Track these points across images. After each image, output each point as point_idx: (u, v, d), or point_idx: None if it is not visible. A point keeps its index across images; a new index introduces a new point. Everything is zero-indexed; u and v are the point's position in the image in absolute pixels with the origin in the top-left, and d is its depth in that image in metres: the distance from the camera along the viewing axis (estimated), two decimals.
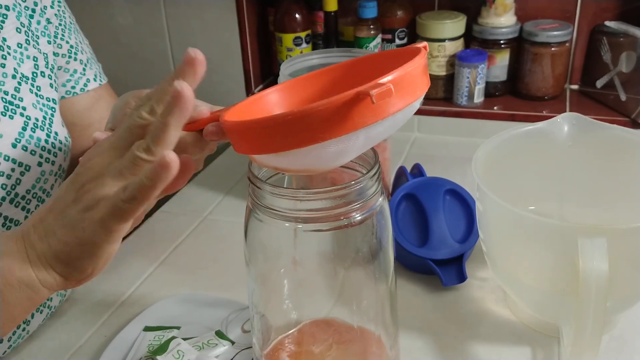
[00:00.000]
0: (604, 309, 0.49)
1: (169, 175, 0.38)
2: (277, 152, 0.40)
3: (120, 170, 0.41)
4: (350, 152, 0.41)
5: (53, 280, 0.44)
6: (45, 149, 0.61)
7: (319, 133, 0.38)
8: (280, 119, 0.38)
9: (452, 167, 0.91)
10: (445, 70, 1.08)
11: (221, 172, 0.99)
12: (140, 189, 0.39)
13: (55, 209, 0.44)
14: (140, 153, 0.40)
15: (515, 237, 0.59)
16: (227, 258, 0.77)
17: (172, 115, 0.39)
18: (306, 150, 0.39)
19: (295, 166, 0.42)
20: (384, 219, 0.49)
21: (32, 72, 0.62)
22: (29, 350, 0.63)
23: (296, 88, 0.49)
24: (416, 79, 0.40)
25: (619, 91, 1.00)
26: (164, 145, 0.40)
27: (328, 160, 0.41)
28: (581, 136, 0.64)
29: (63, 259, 0.43)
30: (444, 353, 0.60)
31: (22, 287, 0.44)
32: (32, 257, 0.44)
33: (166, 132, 0.39)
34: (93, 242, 0.42)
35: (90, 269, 0.44)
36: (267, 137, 0.39)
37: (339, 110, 0.37)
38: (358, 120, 0.37)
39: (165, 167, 0.38)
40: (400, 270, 0.71)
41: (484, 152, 0.62)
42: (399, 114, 0.39)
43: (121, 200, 0.40)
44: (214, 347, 0.59)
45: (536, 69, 1.05)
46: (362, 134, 0.39)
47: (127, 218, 0.41)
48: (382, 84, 0.36)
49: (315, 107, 0.37)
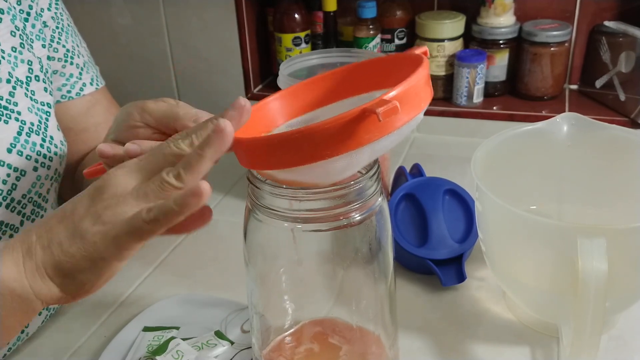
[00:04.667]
0: (603, 308, 0.49)
1: (198, 205, 0.39)
2: (283, 169, 0.40)
3: (146, 192, 0.41)
4: (356, 166, 0.42)
5: (48, 292, 0.43)
6: (40, 153, 0.61)
7: (325, 150, 0.38)
8: (286, 138, 0.39)
9: (452, 167, 0.91)
10: (444, 70, 1.08)
11: (220, 172, 0.99)
12: (166, 213, 0.39)
13: (66, 220, 0.43)
14: (170, 179, 0.40)
15: (514, 237, 0.59)
16: (226, 258, 0.77)
17: (210, 147, 0.40)
18: (312, 166, 0.39)
19: (300, 180, 0.42)
20: (383, 219, 0.49)
21: (26, 77, 0.62)
22: (29, 351, 0.63)
23: (298, 94, 0.50)
24: (420, 92, 0.40)
25: (618, 91, 1.00)
26: (194, 175, 0.40)
27: (334, 174, 0.41)
28: (580, 136, 0.64)
29: (64, 271, 0.42)
30: (443, 353, 0.60)
31: (14, 297, 0.43)
32: (27, 266, 0.43)
33: (200, 163, 0.40)
34: (102, 257, 0.42)
35: (90, 284, 0.44)
36: (273, 154, 0.40)
37: (346, 127, 0.37)
38: (364, 136, 0.38)
39: (198, 196, 0.38)
40: (400, 270, 0.71)
41: (483, 152, 0.62)
42: (404, 127, 0.39)
43: (143, 220, 0.40)
44: (213, 347, 0.59)
45: (535, 69, 1.05)
46: (368, 149, 0.39)
47: (144, 238, 0.41)
48: (388, 101, 0.37)
49: (322, 126, 0.37)
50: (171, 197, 0.39)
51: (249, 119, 0.46)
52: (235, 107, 0.42)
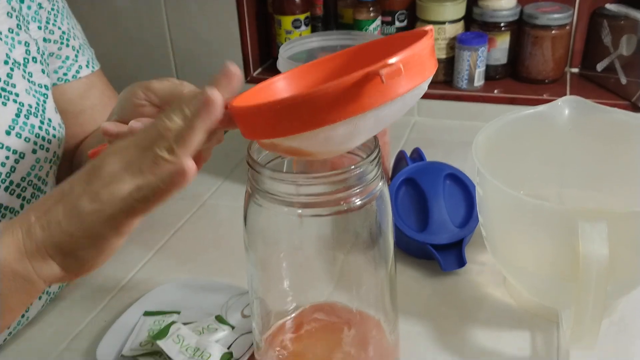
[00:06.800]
0: (604, 293, 0.49)
1: (185, 183, 0.39)
2: (285, 136, 0.39)
3: (140, 168, 0.41)
4: (359, 135, 0.41)
5: (50, 271, 0.44)
6: (39, 135, 0.61)
7: (327, 115, 0.37)
8: (288, 102, 0.38)
9: (452, 151, 0.91)
10: (445, 53, 1.07)
11: (220, 156, 0.99)
12: (154, 191, 0.40)
13: (64, 200, 0.43)
14: (162, 152, 0.40)
15: (515, 222, 0.59)
16: (227, 243, 0.77)
17: (200, 119, 0.40)
18: (314, 134, 0.38)
19: (304, 149, 0.41)
20: (383, 204, 0.48)
21: (23, 58, 0.61)
22: (29, 336, 0.63)
23: (302, 75, 0.49)
24: (424, 60, 0.39)
25: (620, 74, 1.00)
26: (186, 148, 0.40)
27: (336, 143, 0.40)
28: (582, 120, 0.64)
29: (65, 250, 0.43)
30: (443, 338, 0.60)
31: (16, 278, 0.43)
32: (28, 247, 0.43)
33: (191, 135, 0.40)
34: (101, 234, 0.42)
35: (92, 262, 0.44)
36: (275, 121, 0.39)
37: (348, 91, 0.36)
38: (367, 101, 0.37)
39: (183, 175, 0.39)
40: (400, 255, 0.71)
41: (484, 136, 0.61)
42: (407, 95, 0.38)
43: (134, 199, 0.40)
44: (214, 331, 0.59)
45: (536, 52, 1.04)
46: (371, 115, 0.38)
47: (138, 216, 0.41)
48: (392, 64, 0.36)
49: (324, 89, 0.36)
50: (159, 176, 0.40)
51: (254, 97, 0.45)
52: (224, 74, 0.41)
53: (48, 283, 0.45)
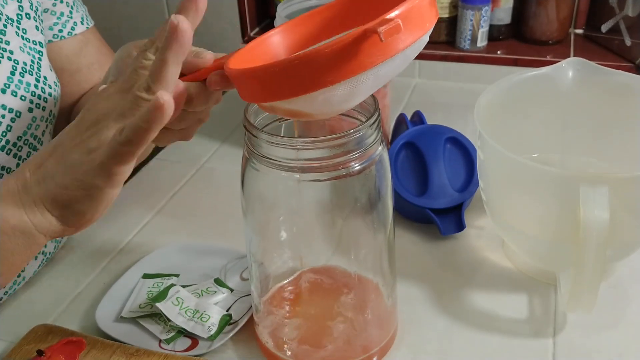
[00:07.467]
0: (603, 257, 0.49)
1: (164, 117, 0.38)
2: (284, 99, 0.38)
3: (122, 111, 0.40)
4: (359, 95, 0.40)
5: (49, 225, 0.44)
6: (35, 94, 0.60)
7: (326, 76, 0.36)
8: (286, 64, 0.37)
9: (454, 114, 0.90)
10: (447, 13, 1.05)
11: (218, 119, 0.97)
12: (135, 131, 0.39)
13: (56, 153, 0.43)
14: (141, 92, 0.40)
15: (516, 186, 0.58)
16: (225, 206, 0.76)
17: (170, 50, 0.38)
18: (314, 95, 0.37)
19: (303, 111, 0.40)
20: (383, 169, 0.48)
21: (17, 14, 0.60)
22: (28, 297, 0.64)
23: (298, 28, 0.48)
24: (424, 11, 0.37)
25: (624, 36, 0.98)
26: (163, 83, 0.39)
27: (336, 103, 0.39)
28: (586, 82, 0.63)
29: (61, 202, 0.43)
30: (441, 301, 0.60)
31: (16, 233, 0.44)
32: (26, 202, 0.43)
33: (165, 69, 0.39)
34: (94, 185, 0.42)
35: (90, 214, 0.44)
36: (274, 83, 0.38)
37: (346, 50, 0.35)
38: (366, 60, 0.36)
39: (159, 109, 0.37)
40: (399, 219, 0.71)
41: (486, 99, 0.60)
42: (408, 49, 0.37)
43: (118, 143, 0.40)
44: (213, 294, 0.59)
45: (541, 12, 1.02)
46: (371, 74, 0.37)
47: (126, 161, 0.41)
48: (390, 20, 0.34)
49: (322, 50, 0.35)
50: (138, 116, 0.39)
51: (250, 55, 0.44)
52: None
53: (49, 237, 0.45)
